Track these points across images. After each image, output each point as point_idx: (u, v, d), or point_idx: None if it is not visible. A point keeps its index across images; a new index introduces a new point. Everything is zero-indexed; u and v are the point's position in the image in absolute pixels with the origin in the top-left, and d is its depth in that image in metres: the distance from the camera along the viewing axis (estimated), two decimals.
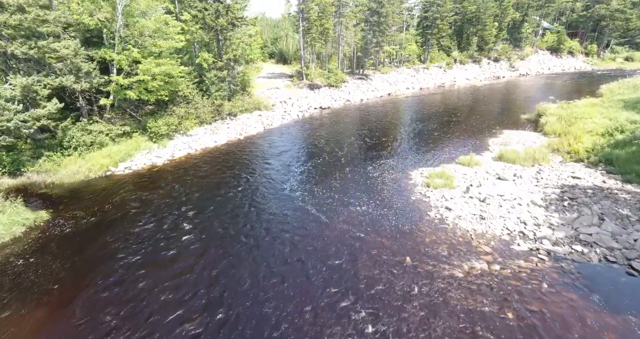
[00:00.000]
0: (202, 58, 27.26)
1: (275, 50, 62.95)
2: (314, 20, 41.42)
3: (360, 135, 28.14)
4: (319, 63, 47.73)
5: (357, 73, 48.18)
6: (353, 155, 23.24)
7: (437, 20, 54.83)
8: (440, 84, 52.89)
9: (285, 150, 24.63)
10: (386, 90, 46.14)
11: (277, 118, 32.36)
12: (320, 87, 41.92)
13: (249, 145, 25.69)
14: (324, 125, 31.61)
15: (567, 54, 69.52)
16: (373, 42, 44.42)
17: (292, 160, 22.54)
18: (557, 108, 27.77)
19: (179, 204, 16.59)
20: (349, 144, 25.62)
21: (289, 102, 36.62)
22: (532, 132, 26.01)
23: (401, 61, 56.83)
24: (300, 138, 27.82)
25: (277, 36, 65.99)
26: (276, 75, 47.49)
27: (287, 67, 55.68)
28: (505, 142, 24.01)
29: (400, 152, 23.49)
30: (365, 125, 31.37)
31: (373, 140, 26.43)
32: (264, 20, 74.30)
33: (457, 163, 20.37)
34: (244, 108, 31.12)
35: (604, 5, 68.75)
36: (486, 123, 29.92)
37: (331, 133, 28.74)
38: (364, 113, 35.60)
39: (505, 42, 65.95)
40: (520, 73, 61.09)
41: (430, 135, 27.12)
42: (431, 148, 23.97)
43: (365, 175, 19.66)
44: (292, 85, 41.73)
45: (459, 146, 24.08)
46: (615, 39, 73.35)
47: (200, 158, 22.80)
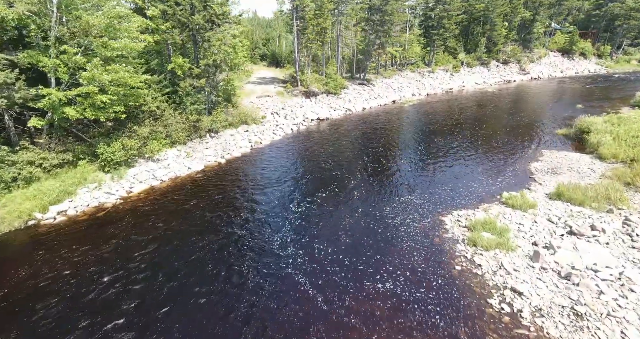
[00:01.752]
0: (175, 64, 22.15)
1: (267, 52, 57.97)
2: (309, 18, 36.50)
3: (368, 156, 23.22)
4: (315, 66, 42.79)
5: (357, 78, 43.31)
6: (362, 187, 18.28)
7: (443, 19, 50.20)
8: (448, 89, 48.20)
9: (275, 179, 19.59)
10: (390, 97, 41.31)
11: (268, 133, 27.31)
12: (317, 94, 36.95)
13: (231, 173, 20.61)
14: (323, 142, 26.63)
15: (579, 56, 65.37)
16: (376, 43, 39.60)
17: (284, 196, 17.52)
18: (605, 123, 23.09)
19: (120, 278, 11.48)
20: (355, 170, 20.67)
21: (282, 113, 31.58)
22: (579, 153, 21.26)
23: (404, 64, 52.12)
24: (294, 161, 22.82)
25: (269, 37, 61.03)
26: (267, 80, 42.45)
27: (279, 70, 50.69)
28: (552, 168, 19.22)
29: (420, 182, 18.57)
30: (371, 141, 26.44)
31: (385, 164, 21.51)
32: (255, 19, 69.27)
33: (503, 203, 15.50)
34: (227, 122, 26.03)
35: (618, 4, 64.76)
36: (515, 140, 25.15)
37: (332, 153, 23.77)
38: (369, 126, 30.69)
39: (514, 43, 61.56)
40: (531, 77, 56.71)
41: (452, 156, 22.29)
42: (457, 175, 19.11)
43: (382, 222, 14.70)
44: (285, 93, 36.72)
45: (494, 173, 19.25)
46: (628, 40, 69.45)
47: (167, 194, 17.67)
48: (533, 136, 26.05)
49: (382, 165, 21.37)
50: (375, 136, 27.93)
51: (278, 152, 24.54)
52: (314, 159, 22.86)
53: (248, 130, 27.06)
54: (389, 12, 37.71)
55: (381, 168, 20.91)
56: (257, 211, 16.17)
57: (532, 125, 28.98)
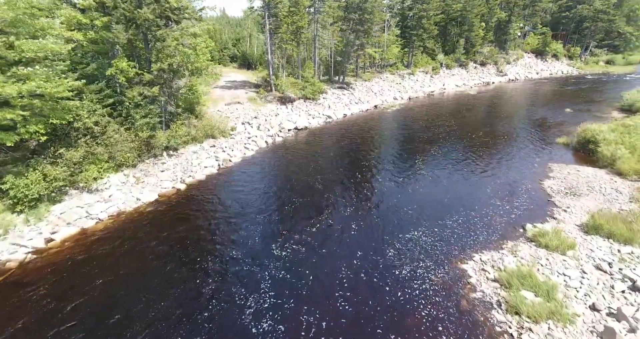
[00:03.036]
0: (116, 68, 17.72)
1: (237, 53, 53.45)
2: (283, 16, 32.67)
3: (356, 174, 19.76)
4: (290, 69, 38.97)
5: (336, 82, 39.88)
6: (356, 217, 14.79)
7: (422, 19, 47.73)
8: (430, 93, 45.77)
9: (249, 209, 15.73)
10: (372, 101, 38.19)
11: (239, 148, 23.28)
12: (293, 100, 33.16)
13: (193, 202, 16.53)
14: (304, 157, 22.94)
15: (552, 57, 65.20)
16: (355, 43, 36.31)
17: (261, 233, 13.74)
18: (613, 132, 20.82)
19: None
20: (344, 194, 17.15)
21: (255, 123, 27.57)
22: (591, 167, 18.76)
23: (383, 66, 49.25)
24: (271, 183, 19.01)
25: (240, 37, 56.45)
26: (238, 84, 38.18)
27: (251, 73, 46.43)
28: (569, 187, 16.50)
29: (423, 208, 15.30)
30: (358, 155, 23.04)
31: (377, 185, 18.13)
32: (223, 18, 64.38)
33: (530, 239, 12.45)
34: (189, 137, 21.80)
35: (586, 6, 65.09)
36: (515, 150, 22.54)
37: (315, 171, 20.14)
38: (353, 137, 27.28)
39: (490, 45, 60.32)
40: (509, 79, 55.48)
41: (451, 172, 19.26)
42: (463, 197, 16.02)
43: (387, 275, 11.25)
44: (257, 99, 32.68)
45: (504, 194, 16.31)
46: (594, 42, 70.22)
47: (103, 240, 13.41)
48: (532, 146, 23.55)
49: (375, 187, 17.96)
50: (362, 148, 24.55)
51: (251, 171, 20.63)
52: (294, 180, 19.14)
53: (215, 145, 22.91)
54: (369, 11, 34.51)
55: (374, 191, 17.50)
56: (226, 259, 12.31)
57: (528, 133, 26.58)
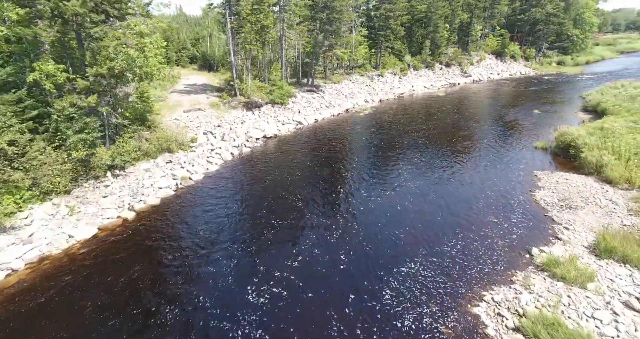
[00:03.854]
0: (40, 72, 14.20)
1: (197, 54, 49.51)
2: (246, 14, 29.74)
3: (336, 189, 17.56)
4: (255, 71, 36.07)
5: (305, 84, 37.48)
6: (341, 245, 12.54)
7: (389, 19, 46.50)
8: (400, 94, 44.67)
9: (211, 242, 13.01)
10: (343, 105, 36.23)
11: (200, 163, 20.26)
12: (260, 105, 30.35)
13: (142, 237, 13.49)
14: (275, 170, 20.37)
15: (510, 58, 66.90)
16: (324, 44, 34.10)
17: (228, 276, 11.12)
18: (591, 136, 20.13)
19: None
20: (324, 214, 14.87)
21: (218, 133, 24.53)
22: (577, 174, 17.79)
23: (352, 67, 47.54)
24: (238, 204, 16.30)
25: (199, 36, 52.52)
26: (198, 88, 34.71)
27: (213, 75, 42.92)
28: (563, 198, 15.29)
29: (413, 232, 13.37)
30: (334, 166, 20.84)
31: (360, 202, 15.98)
32: (180, 16, 59.82)
33: (540, 268, 10.83)
34: (140, 153, 18.50)
35: (539, 9, 67.40)
36: (495, 156, 21.38)
37: (289, 187, 17.67)
38: (327, 144, 25.06)
39: (454, 46, 60.65)
40: (473, 80, 55.89)
41: (437, 182, 17.57)
42: (455, 213, 14.30)
43: (387, 328, 9.09)
44: (221, 104, 29.55)
45: (497, 209, 14.80)
46: (546, 44, 73.09)
47: (16, 298, 10.16)
48: (513, 151, 22.55)
49: (360, 204, 15.82)
50: (339, 157, 22.38)
51: (216, 190, 17.77)
52: (267, 197, 16.57)
53: (172, 161, 19.74)
54: (338, 10, 32.43)
55: (360, 208, 15.35)
56: (189, 309, 9.61)
57: (505, 137, 25.70)
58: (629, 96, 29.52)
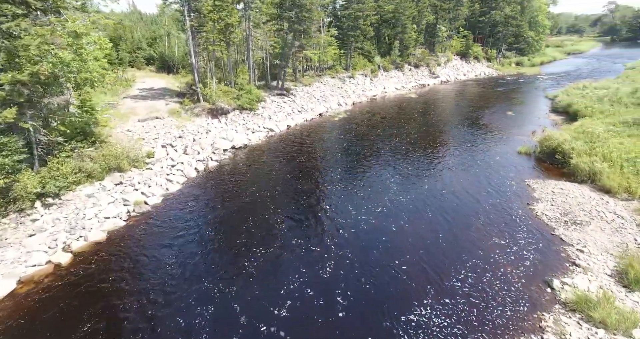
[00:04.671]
0: None
1: (154, 54, 45.13)
2: (208, 12, 26.62)
3: (321, 207, 15.32)
4: (219, 74, 32.94)
5: (274, 88, 34.83)
6: (335, 284, 10.30)
7: (359, 19, 44.86)
8: (372, 97, 43.20)
9: (173, 290, 10.29)
10: (316, 109, 34.01)
11: (159, 182, 17.19)
12: (227, 111, 27.39)
13: (80, 288, 10.47)
14: (247, 184, 17.75)
15: (474, 59, 67.95)
16: (294, 45, 31.66)
17: None
18: (576, 140, 19.35)
19: None
20: (311, 241, 12.56)
21: (180, 145, 21.42)
22: (571, 183, 16.76)
23: (322, 69, 45.43)
24: (206, 234, 13.59)
25: (156, 35, 48.07)
26: (156, 93, 31.01)
27: (173, 77, 39.04)
28: (564, 212, 14.04)
29: (420, 265, 11.44)
30: (316, 179, 18.59)
31: (350, 222, 13.83)
32: (134, 13, 54.70)
33: (571, 308, 9.23)
34: (82, 175, 15.18)
35: (498, 11, 68.99)
36: (483, 165, 20.10)
37: (264, 207, 15.17)
38: (303, 153, 22.75)
39: (422, 47, 60.38)
40: (441, 80, 55.81)
41: (432, 196, 15.83)
42: (460, 238, 12.54)
43: None
44: (182, 111, 26.27)
45: (498, 228, 13.25)
46: (505, 45, 75.20)
47: None
48: (497, 156, 21.43)
49: (348, 226, 13.66)
50: (318, 168, 20.15)
51: (178, 216, 14.91)
52: (241, 224, 13.99)
53: (123, 182, 16.53)
54: (307, 8, 30.10)
55: (349, 233, 13.18)
56: None
57: (486, 141, 24.66)
58: (597, 97, 29.75)
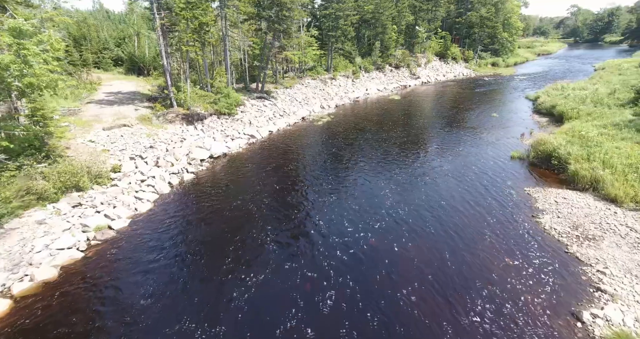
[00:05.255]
0: None
1: (122, 55, 41.97)
2: (180, 9, 24.33)
3: (312, 225, 13.64)
4: (195, 76, 30.64)
5: (254, 90, 32.82)
6: (336, 327, 8.73)
7: (339, 19, 43.46)
8: (355, 99, 41.94)
9: None
10: (298, 112, 32.32)
11: (126, 202, 15.00)
12: (203, 117, 25.23)
13: None
14: (228, 201, 15.86)
15: (452, 60, 68.17)
16: (275, 45, 29.80)
17: None
18: (571, 144, 18.64)
19: None
20: (304, 269, 10.88)
21: (151, 156, 19.18)
22: (572, 191, 15.92)
23: (302, 70, 43.74)
24: (183, 265, 11.62)
25: (125, 35, 44.87)
26: (124, 97, 28.34)
27: (144, 80, 36.29)
28: (574, 225, 13.06)
29: (429, 294, 10.03)
30: (304, 192, 16.93)
31: (344, 243, 12.26)
32: (100, 12, 51.01)
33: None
34: (31, 197, 12.84)
35: (474, 12, 69.55)
36: (478, 172, 19.06)
37: (252, 228, 13.37)
38: (288, 161, 21.05)
39: (402, 48, 59.78)
40: (422, 82, 55.40)
41: (432, 210, 14.50)
42: (468, 258, 11.24)
43: None
44: (153, 118, 23.92)
45: (510, 247, 12.08)
46: (481, 46, 76.08)
47: None
48: (490, 161, 20.49)
49: (347, 247, 12.07)
50: (307, 179, 18.50)
51: (148, 242, 12.87)
52: (223, 248, 12.12)
53: (82, 204, 14.24)
54: (288, 6, 28.31)
55: (348, 255, 11.60)
56: None
57: (476, 145, 23.75)
58: (579, 98, 29.64)
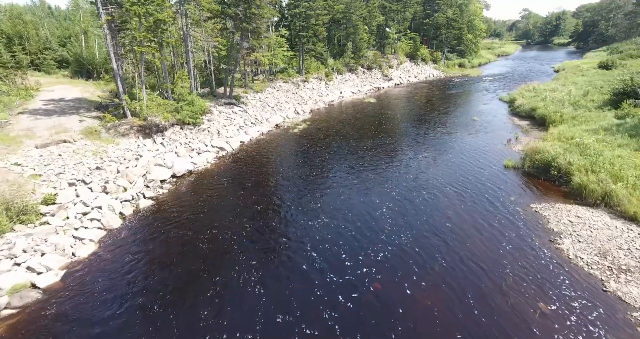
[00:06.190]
0: None
1: (68, 56, 36.78)
2: (130, 4, 20.67)
3: (297, 260, 10.97)
4: (153, 80, 26.82)
5: (221, 96, 29.44)
6: None
7: (310, 19, 40.85)
8: (330, 102, 39.66)
9: None
10: (272, 119, 29.40)
11: (59, 247, 11.52)
12: (164, 128, 21.68)
13: None
14: (196, 236, 12.84)
15: (422, 61, 67.79)
16: (243, 46, 26.63)
17: None
18: (569, 152, 17.32)
19: None
20: (296, 322, 8.31)
21: (96, 181, 15.55)
22: (578, 205, 14.45)
23: (273, 73, 40.72)
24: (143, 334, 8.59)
25: (71, 33, 39.53)
26: (68, 106, 24.01)
27: (93, 84, 31.67)
28: (599, 252, 11.37)
29: None
30: (287, 217, 14.25)
31: (334, 288, 9.77)
32: (40, 7, 44.91)
33: None
34: None
35: (441, 14, 69.66)
36: (477, 186, 17.25)
37: (230, 274, 10.51)
38: (265, 178, 18.22)
39: (373, 49, 58.28)
40: (395, 83, 54.18)
41: (431, 231, 12.37)
42: (489, 297, 9.13)
43: None
44: (102, 130, 20.09)
45: (539, 287, 10.13)
46: (448, 47, 76.61)
47: None
48: (484, 172, 18.80)
49: (340, 291, 9.56)
50: (284, 199, 15.81)
51: (86, 307, 9.61)
52: (191, 306, 9.13)
53: None
54: (257, 4, 25.25)
55: (346, 307, 9.06)
56: None
57: (466, 153, 22.05)
58: (558, 100, 29.12)
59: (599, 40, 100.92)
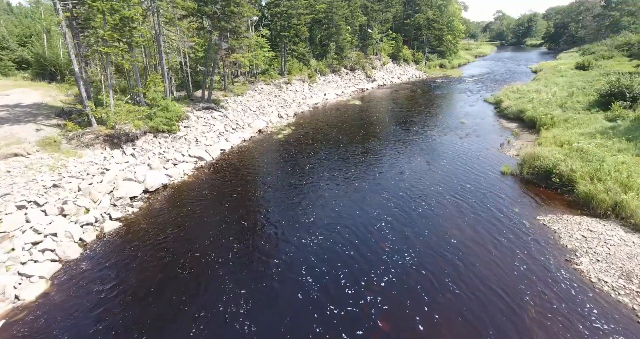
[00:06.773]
0: None
1: (28, 57, 33.50)
2: (92, 0, 18.31)
3: (285, 291, 9.33)
4: (123, 83, 24.37)
5: (199, 100, 27.25)
6: None
7: (292, 18, 39.08)
8: (314, 105, 38.03)
9: None
10: (254, 124, 27.48)
11: (0, 283, 9.41)
12: (135, 137, 19.42)
13: None
14: (171, 265, 10.94)
15: (404, 62, 67.21)
16: (222, 47, 24.59)
17: None
18: (570, 158, 16.44)
19: None
20: None
21: (53, 202, 13.28)
22: (589, 217, 13.49)
23: (254, 74, 38.68)
24: None
25: (32, 32, 36.13)
26: (24, 112, 21.29)
27: (56, 87, 28.75)
28: (624, 273, 10.32)
29: None
30: (272, 236, 12.51)
31: (331, 319, 8.29)
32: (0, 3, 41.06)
33: None
34: None
35: (422, 14, 69.33)
36: (474, 195, 16.10)
37: (212, 312, 8.71)
38: (247, 191, 16.42)
39: (356, 49, 57.06)
40: (379, 84, 53.18)
41: (437, 250, 11.02)
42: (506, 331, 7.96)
43: None
44: (63, 140, 17.67)
45: (561, 318, 8.94)
46: (429, 48, 76.53)
47: None
48: (481, 179, 17.67)
49: (338, 321, 8.06)
50: (272, 214, 14.07)
51: None
52: None
53: None
54: (236, 1, 23.28)
55: None
56: None
57: (458, 157, 20.96)
58: (545, 102, 28.66)
59: (569, 42, 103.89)
